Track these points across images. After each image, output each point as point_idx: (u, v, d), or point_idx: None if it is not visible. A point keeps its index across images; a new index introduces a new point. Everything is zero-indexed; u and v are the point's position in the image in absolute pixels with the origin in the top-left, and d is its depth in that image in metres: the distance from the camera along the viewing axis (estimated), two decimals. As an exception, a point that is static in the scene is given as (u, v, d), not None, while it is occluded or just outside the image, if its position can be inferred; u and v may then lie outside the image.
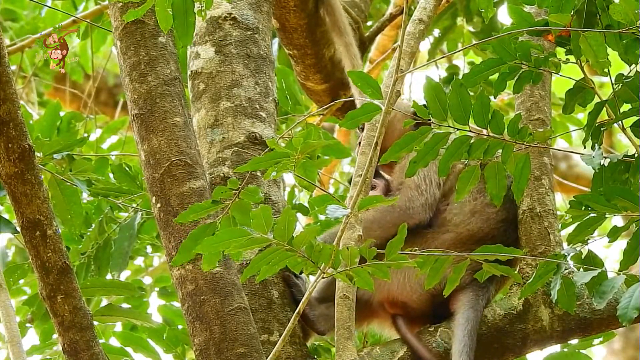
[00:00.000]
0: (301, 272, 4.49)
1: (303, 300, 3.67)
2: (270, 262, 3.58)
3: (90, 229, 5.44)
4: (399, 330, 4.58)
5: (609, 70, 3.89)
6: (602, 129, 3.90)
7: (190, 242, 3.80)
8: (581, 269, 3.81)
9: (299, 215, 5.22)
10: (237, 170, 3.95)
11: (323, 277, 3.63)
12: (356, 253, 3.57)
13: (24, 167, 3.96)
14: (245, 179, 4.01)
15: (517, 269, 4.54)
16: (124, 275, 5.84)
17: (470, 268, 3.92)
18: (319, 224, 5.41)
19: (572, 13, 3.93)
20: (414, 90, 7.77)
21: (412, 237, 4.42)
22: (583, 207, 3.83)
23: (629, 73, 3.91)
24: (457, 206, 4.64)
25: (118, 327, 5.70)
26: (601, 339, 5.17)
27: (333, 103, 4.69)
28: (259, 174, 4.58)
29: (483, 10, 4.12)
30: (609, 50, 3.89)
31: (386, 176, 4.82)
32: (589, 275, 3.74)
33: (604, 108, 3.92)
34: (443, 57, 7.35)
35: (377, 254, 3.59)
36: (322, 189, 4.33)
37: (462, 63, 7.52)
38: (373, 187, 4.78)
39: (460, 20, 7.19)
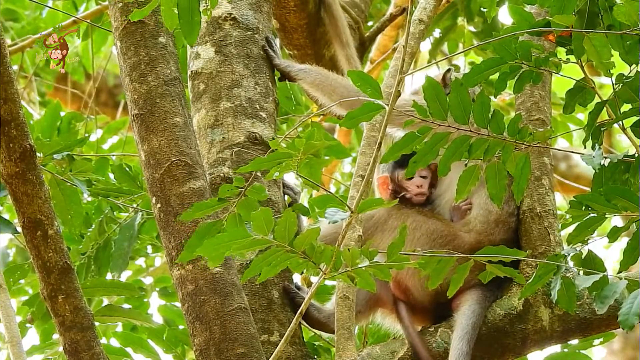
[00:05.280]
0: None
1: (305, 301, 3.66)
2: (271, 264, 3.58)
3: (91, 229, 5.44)
4: (399, 317, 4.57)
5: (611, 71, 3.89)
6: (602, 129, 3.90)
7: (196, 239, 3.79)
8: (582, 273, 3.80)
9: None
10: (240, 171, 3.95)
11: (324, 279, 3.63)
12: (357, 254, 3.57)
13: (25, 167, 3.96)
14: (251, 178, 4.00)
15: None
16: (125, 275, 5.84)
17: (477, 269, 3.90)
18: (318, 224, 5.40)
19: (573, 13, 3.92)
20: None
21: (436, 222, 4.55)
22: (583, 207, 3.82)
23: (629, 73, 3.91)
24: (483, 213, 4.63)
25: (119, 327, 5.70)
26: (601, 339, 5.17)
27: (333, 104, 4.68)
28: (259, 174, 4.57)
29: (485, 9, 4.12)
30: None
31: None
32: (591, 280, 3.73)
33: (604, 108, 3.92)
34: (445, 59, 7.34)
35: None
36: (324, 189, 4.33)
37: (463, 63, 7.52)
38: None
39: (461, 20, 7.18)
